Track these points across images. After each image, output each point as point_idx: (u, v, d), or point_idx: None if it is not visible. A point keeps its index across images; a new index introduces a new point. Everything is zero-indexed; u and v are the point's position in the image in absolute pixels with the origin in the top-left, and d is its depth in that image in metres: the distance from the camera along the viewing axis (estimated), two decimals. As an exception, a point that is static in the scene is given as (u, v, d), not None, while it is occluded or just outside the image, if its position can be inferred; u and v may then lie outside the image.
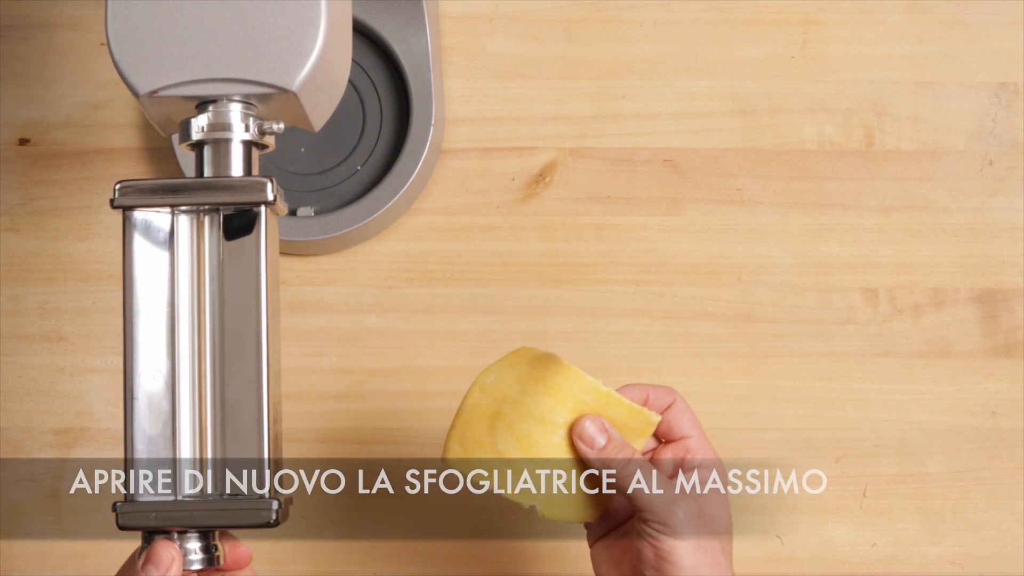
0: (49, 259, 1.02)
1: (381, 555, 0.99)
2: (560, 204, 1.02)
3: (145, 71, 0.71)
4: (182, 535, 0.70)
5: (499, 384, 0.78)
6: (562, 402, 0.77)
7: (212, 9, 0.71)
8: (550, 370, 0.78)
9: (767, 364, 1.00)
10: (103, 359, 1.00)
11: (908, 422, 1.00)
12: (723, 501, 0.80)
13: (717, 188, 1.02)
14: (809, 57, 1.03)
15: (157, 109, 0.73)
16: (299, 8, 0.71)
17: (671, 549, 0.75)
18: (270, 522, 0.69)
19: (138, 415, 0.70)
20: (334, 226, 0.98)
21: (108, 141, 1.03)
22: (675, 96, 1.03)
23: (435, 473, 0.99)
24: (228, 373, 0.70)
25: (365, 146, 1.01)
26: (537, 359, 0.79)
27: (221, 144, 0.72)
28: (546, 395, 0.77)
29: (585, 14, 1.04)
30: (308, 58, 0.71)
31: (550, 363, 0.78)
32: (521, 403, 0.77)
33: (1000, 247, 1.01)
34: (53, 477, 0.99)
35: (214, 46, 0.71)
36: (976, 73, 1.03)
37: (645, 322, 1.01)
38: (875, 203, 1.02)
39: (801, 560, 0.99)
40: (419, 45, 0.99)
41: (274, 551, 0.98)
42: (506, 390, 0.78)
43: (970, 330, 1.01)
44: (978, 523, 0.99)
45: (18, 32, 1.04)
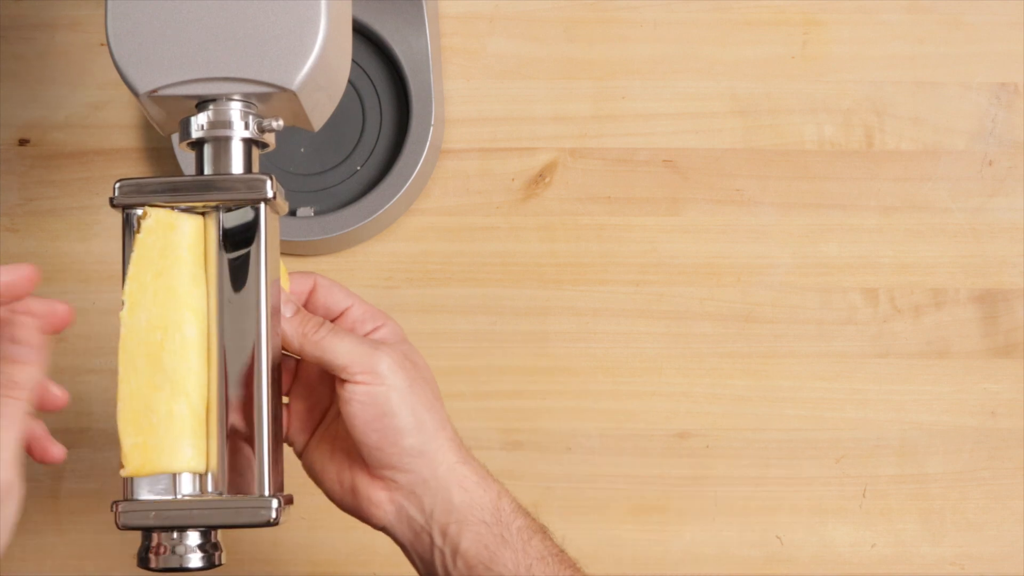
0: (49, 259, 1.02)
1: (381, 555, 0.99)
2: (560, 204, 1.02)
3: (145, 71, 0.71)
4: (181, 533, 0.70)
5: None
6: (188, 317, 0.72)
7: (212, 9, 0.71)
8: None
9: (767, 364, 1.00)
10: (103, 359, 1.00)
11: (908, 422, 1.00)
12: (414, 350, 0.77)
13: (717, 188, 1.02)
14: (809, 57, 1.03)
15: (157, 108, 0.73)
16: (299, 8, 0.71)
17: (385, 397, 0.72)
18: (270, 521, 0.69)
19: (138, 414, 0.70)
20: (334, 226, 0.98)
21: (108, 141, 1.03)
22: (675, 96, 1.03)
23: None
24: (228, 372, 0.70)
25: (365, 146, 1.01)
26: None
27: (221, 142, 0.72)
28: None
29: (585, 14, 1.04)
30: (308, 58, 0.71)
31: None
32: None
33: (1000, 247, 1.01)
34: (53, 477, 0.99)
35: (214, 45, 0.71)
36: (976, 73, 1.03)
37: (645, 322, 1.01)
38: (875, 203, 1.02)
39: (801, 560, 0.99)
40: (419, 45, 0.99)
41: (274, 551, 0.98)
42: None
43: (970, 330, 1.01)
44: (978, 523, 0.99)
45: (18, 32, 1.04)
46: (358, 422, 0.73)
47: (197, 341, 0.71)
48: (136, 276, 0.71)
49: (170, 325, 0.70)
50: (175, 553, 0.70)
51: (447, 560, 0.74)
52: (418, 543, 0.75)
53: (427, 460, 0.74)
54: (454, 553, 0.74)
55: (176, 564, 0.70)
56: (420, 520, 0.75)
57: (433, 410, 0.75)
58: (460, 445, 0.76)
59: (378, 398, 0.72)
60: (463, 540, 0.74)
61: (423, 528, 0.75)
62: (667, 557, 0.99)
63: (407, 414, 0.73)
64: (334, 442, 0.77)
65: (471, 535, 0.74)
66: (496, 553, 0.74)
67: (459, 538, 0.74)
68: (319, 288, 0.77)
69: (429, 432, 0.74)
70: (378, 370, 0.72)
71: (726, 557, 0.99)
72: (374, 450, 0.73)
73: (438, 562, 0.75)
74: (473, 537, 0.74)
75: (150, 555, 0.70)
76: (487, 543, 0.74)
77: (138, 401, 0.70)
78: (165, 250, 0.71)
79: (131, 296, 0.70)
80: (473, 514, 0.74)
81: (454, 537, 0.74)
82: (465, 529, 0.74)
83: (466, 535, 0.74)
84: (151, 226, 0.71)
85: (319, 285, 0.77)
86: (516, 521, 0.75)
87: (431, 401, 0.75)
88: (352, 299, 0.77)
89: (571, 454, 1.00)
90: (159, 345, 0.70)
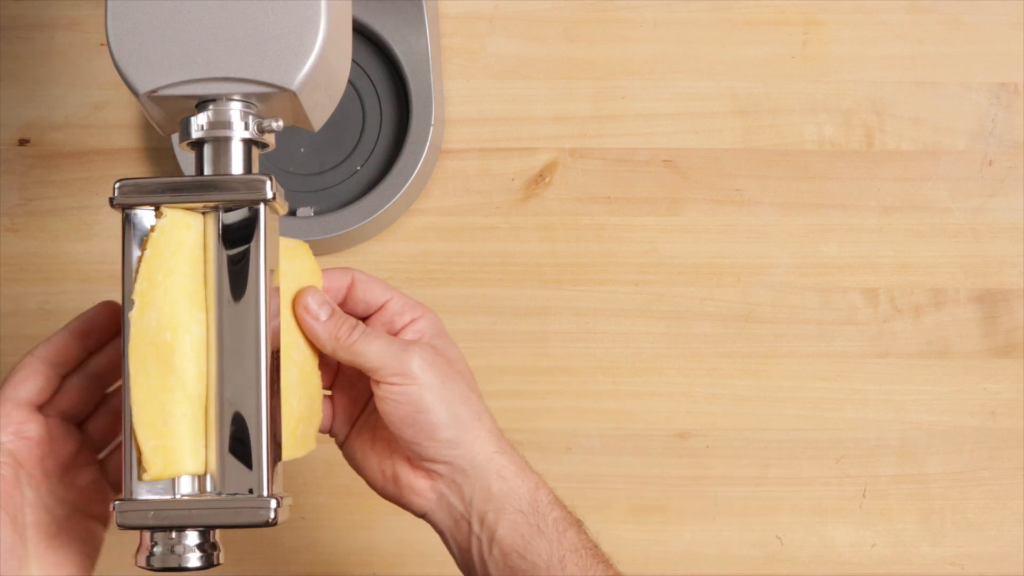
0: (49, 259, 1.02)
1: (381, 555, 0.99)
2: (560, 204, 1.02)
3: (145, 71, 0.71)
4: (180, 533, 0.70)
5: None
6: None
7: (212, 9, 0.71)
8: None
9: (767, 364, 1.00)
10: (103, 359, 1.00)
11: (908, 422, 1.00)
12: (452, 343, 0.78)
13: (717, 188, 1.02)
14: (809, 57, 1.03)
15: (157, 108, 0.73)
16: (299, 7, 0.71)
17: (418, 396, 0.73)
18: (268, 521, 0.69)
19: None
20: (334, 226, 0.98)
21: (108, 141, 1.03)
22: (675, 96, 1.03)
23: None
24: (227, 371, 0.70)
25: (365, 146, 1.01)
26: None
27: (221, 142, 0.72)
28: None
29: (585, 14, 1.04)
30: (308, 57, 0.71)
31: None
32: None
33: (1000, 247, 1.01)
34: (53, 477, 0.99)
35: (214, 45, 0.71)
36: (976, 73, 1.03)
37: (645, 322, 1.01)
38: (875, 203, 1.02)
39: (801, 560, 0.99)
40: (419, 45, 0.99)
41: (274, 551, 0.98)
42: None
43: (970, 330, 1.01)
44: (978, 523, 0.99)
45: (18, 32, 1.04)
46: (393, 419, 0.74)
47: (207, 341, 0.71)
48: (148, 275, 0.70)
49: (180, 325, 0.70)
50: (174, 553, 0.70)
51: (483, 547, 0.75)
52: (457, 531, 0.76)
53: (464, 451, 0.75)
54: (490, 540, 0.75)
55: (175, 564, 0.70)
56: (460, 508, 0.76)
57: (468, 403, 0.76)
58: (499, 435, 0.77)
59: (411, 396, 0.73)
60: (499, 528, 0.75)
61: (462, 516, 0.76)
62: (667, 557, 0.99)
63: (441, 410, 0.74)
64: (374, 432, 0.78)
65: (507, 523, 0.75)
66: (531, 542, 0.75)
67: (496, 526, 0.75)
68: (357, 283, 0.78)
69: (464, 424, 0.75)
70: (409, 370, 0.73)
71: (726, 557, 0.99)
72: (411, 444, 0.75)
73: (475, 549, 0.76)
74: (509, 525, 0.75)
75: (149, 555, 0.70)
76: (523, 532, 0.75)
77: (153, 404, 0.70)
78: (178, 250, 0.71)
79: (141, 295, 0.70)
80: (510, 503, 0.75)
81: (491, 525, 0.75)
82: (502, 517, 0.75)
83: (503, 523, 0.75)
84: (166, 225, 0.71)
85: (357, 280, 0.78)
86: (552, 512, 0.76)
87: (465, 394, 0.76)
88: (390, 292, 0.78)
89: (571, 454, 1.00)
90: (169, 346, 0.70)
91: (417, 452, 0.75)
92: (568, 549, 0.75)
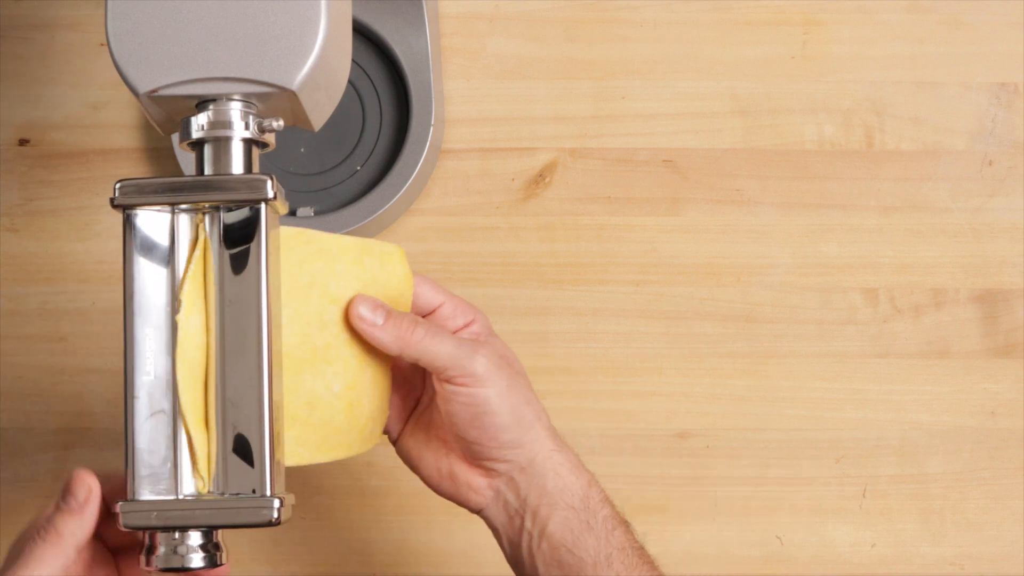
0: (49, 259, 1.02)
1: (380, 555, 0.99)
2: (560, 204, 1.02)
3: (145, 70, 0.71)
4: (183, 533, 0.70)
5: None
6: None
7: (212, 8, 0.71)
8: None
9: (767, 364, 1.00)
10: (103, 359, 1.00)
11: (908, 422, 1.00)
12: (503, 342, 0.79)
13: (717, 188, 1.02)
14: (809, 57, 1.03)
15: (157, 108, 0.73)
16: (299, 7, 0.71)
17: (485, 398, 0.74)
18: (271, 521, 0.69)
19: (139, 414, 0.70)
20: (334, 226, 0.98)
21: (108, 141, 1.03)
22: (675, 96, 1.03)
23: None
24: (229, 372, 0.70)
25: (365, 146, 1.01)
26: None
27: (221, 142, 0.72)
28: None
29: (585, 14, 1.04)
30: (308, 57, 0.71)
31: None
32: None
33: (1000, 247, 1.01)
34: (53, 477, 0.99)
35: (214, 45, 0.71)
36: (976, 73, 1.03)
37: (645, 322, 1.01)
38: (875, 203, 1.02)
39: (801, 560, 0.99)
40: (419, 45, 0.99)
41: (274, 551, 0.98)
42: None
43: (970, 330, 1.01)
44: (978, 523, 0.99)
45: (18, 32, 1.04)
46: (458, 420, 0.74)
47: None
48: (195, 276, 0.71)
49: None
50: (177, 553, 0.70)
51: (533, 541, 0.76)
52: (510, 526, 0.77)
53: (525, 450, 0.76)
54: (541, 535, 0.76)
55: (178, 564, 0.70)
56: (515, 504, 0.77)
57: (530, 404, 0.76)
58: (555, 433, 0.78)
59: (478, 398, 0.74)
60: (550, 523, 0.76)
61: (517, 512, 0.77)
62: (667, 557, 0.98)
63: (506, 412, 0.75)
64: (429, 430, 0.78)
65: (559, 518, 0.75)
66: (580, 537, 0.75)
67: (547, 520, 0.76)
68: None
69: (526, 425, 0.76)
70: (477, 371, 0.74)
71: (726, 557, 0.99)
72: (473, 445, 0.75)
73: (524, 543, 0.76)
74: (560, 520, 0.75)
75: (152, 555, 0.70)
76: (572, 527, 0.75)
77: (202, 404, 0.71)
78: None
79: (188, 296, 0.71)
80: (563, 499, 0.76)
81: (543, 519, 0.76)
82: (554, 512, 0.76)
83: (554, 518, 0.76)
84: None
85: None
86: (602, 510, 0.77)
87: (528, 395, 0.77)
88: (443, 295, 0.78)
89: (571, 454, 0.99)
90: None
91: (479, 452, 0.75)
92: (615, 547, 0.76)
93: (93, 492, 0.69)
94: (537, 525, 0.76)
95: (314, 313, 0.74)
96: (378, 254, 0.76)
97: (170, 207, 0.72)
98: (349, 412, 0.75)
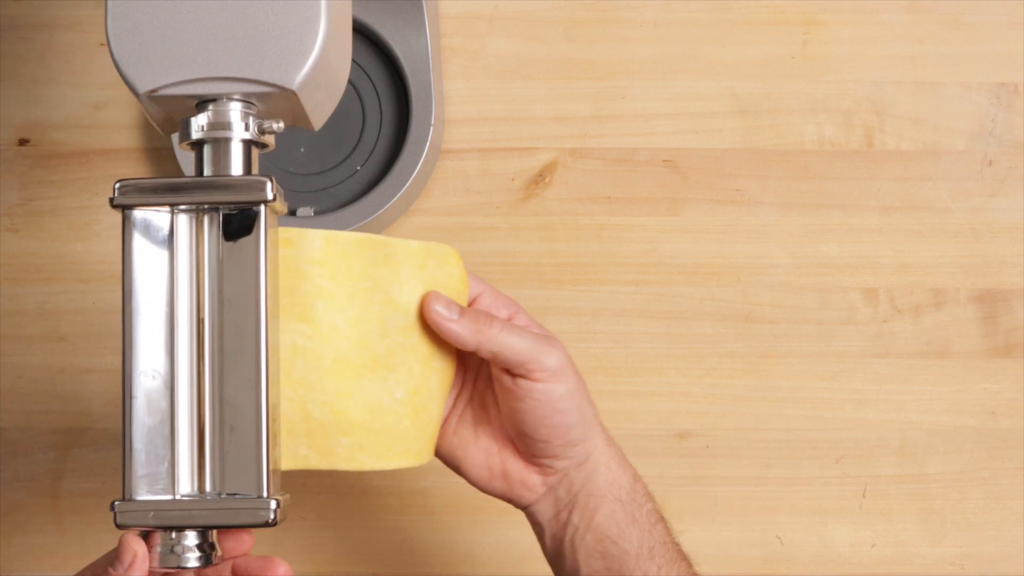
0: (49, 259, 1.02)
1: (381, 555, 0.99)
2: (560, 204, 1.02)
3: (145, 70, 0.71)
4: (179, 533, 0.70)
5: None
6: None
7: (212, 8, 0.71)
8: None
9: (767, 364, 1.00)
10: (103, 359, 1.00)
11: (908, 422, 1.00)
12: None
13: (717, 188, 1.02)
14: (809, 57, 1.03)
15: (157, 108, 0.73)
16: (299, 7, 0.71)
17: (559, 395, 0.74)
18: (268, 521, 0.69)
19: (137, 414, 0.70)
20: (334, 226, 0.98)
21: (108, 141, 1.03)
22: (675, 96, 1.03)
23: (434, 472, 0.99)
24: (227, 372, 0.70)
25: (365, 146, 1.01)
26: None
27: (221, 143, 0.72)
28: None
29: (585, 14, 1.04)
30: (308, 57, 0.71)
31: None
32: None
33: (1000, 247, 1.01)
34: (53, 477, 0.99)
35: (214, 45, 0.71)
36: (976, 73, 1.03)
37: (645, 322, 1.01)
38: (875, 203, 1.02)
39: (801, 560, 0.99)
40: (419, 45, 0.99)
41: (274, 551, 0.98)
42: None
43: (970, 330, 1.01)
44: (978, 523, 0.99)
45: (18, 32, 1.04)
46: (529, 418, 0.74)
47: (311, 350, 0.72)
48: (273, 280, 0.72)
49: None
50: (173, 553, 0.70)
51: (578, 534, 0.76)
52: (556, 521, 0.77)
53: (584, 447, 0.76)
54: (586, 527, 0.76)
55: (174, 564, 0.70)
56: (565, 499, 0.77)
57: (590, 401, 0.77)
58: (604, 427, 0.78)
59: (552, 394, 0.74)
60: (597, 515, 0.76)
61: (566, 506, 0.77)
62: (667, 557, 0.99)
63: (575, 409, 0.75)
64: (476, 428, 0.78)
65: (606, 511, 0.76)
66: (624, 530, 0.76)
67: (594, 513, 0.76)
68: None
69: (589, 423, 0.76)
70: (553, 367, 0.74)
71: (726, 557, 0.99)
72: (540, 442, 0.75)
73: (568, 536, 0.76)
74: (607, 513, 0.76)
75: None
76: (618, 520, 0.76)
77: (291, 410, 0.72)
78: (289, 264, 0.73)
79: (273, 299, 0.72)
80: (611, 492, 0.76)
81: (590, 512, 0.76)
82: (602, 505, 0.76)
83: (601, 511, 0.76)
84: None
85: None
86: (646, 504, 0.77)
87: (587, 392, 0.77)
88: (482, 286, 0.78)
89: (571, 454, 0.99)
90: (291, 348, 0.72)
91: (543, 450, 0.75)
92: (658, 541, 0.76)
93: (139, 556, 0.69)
94: (584, 518, 0.76)
95: (375, 320, 0.73)
96: (438, 256, 0.76)
97: (170, 207, 0.72)
98: (415, 419, 0.75)
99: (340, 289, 0.73)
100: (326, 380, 0.72)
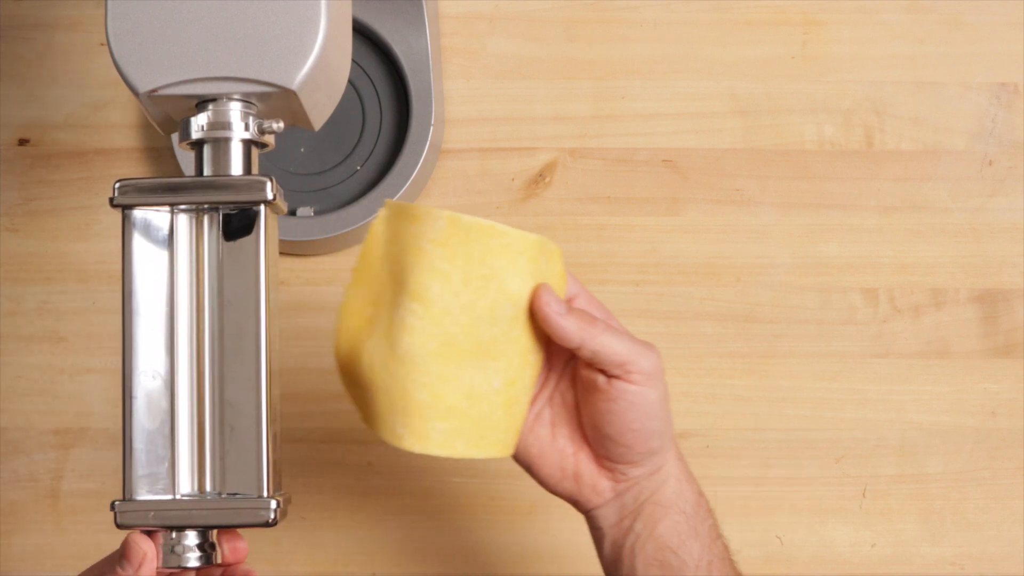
0: (49, 259, 1.02)
1: (381, 555, 0.99)
2: (560, 204, 1.02)
3: (145, 70, 0.71)
4: (180, 533, 0.70)
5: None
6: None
7: (212, 8, 0.71)
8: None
9: (767, 364, 1.00)
10: (103, 359, 1.00)
11: (908, 422, 1.00)
12: None
13: (717, 188, 1.02)
14: (809, 57, 1.03)
15: (157, 108, 0.73)
16: (299, 7, 0.71)
17: (651, 399, 0.74)
18: (268, 521, 0.69)
19: (137, 414, 0.71)
20: (334, 226, 0.98)
21: (108, 141, 1.03)
22: (675, 96, 1.03)
23: (434, 472, 1.00)
24: (227, 372, 0.70)
25: (365, 146, 1.01)
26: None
27: (221, 143, 0.72)
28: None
29: (585, 14, 1.04)
30: (308, 57, 0.71)
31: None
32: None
33: (1000, 247, 1.01)
34: (53, 477, 0.99)
35: (214, 45, 0.71)
36: (976, 73, 1.03)
37: (645, 322, 1.01)
38: (875, 203, 1.02)
39: (801, 560, 0.99)
40: (419, 45, 0.99)
41: (274, 551, 0.98)
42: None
43: (970, 330, 1.01)
44: (978, 523, 0.99)
45: (18, 32, 1.04)
46: (617, 420, 0.74)
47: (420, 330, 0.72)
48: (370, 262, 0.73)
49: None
50: (174, 553, 0.70)
51: (638, 541, 0.76)
52: (618, 527, 0.77)
53: (660, 457, 0.76)
54: (648, 536, 0.76)
55: (175, 564, 0.70)
56: (631, 507, 0.77)
57: (669, 408, 0.76)
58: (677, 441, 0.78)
59: (645, 398, 0.74)
60: (660, 525, 0.76)
61: (630, 513, 0.76)
62: (667, 557, 0.99)
63: (661, 416, 0.75)
64: (553, 428, 0.78)
65: (669, 522, 0.76)
66: (685, 541, 0.76)
67: (657, 523, 0.76)
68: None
69: (668, 433, 0.76)
70: (649, 370, 0.74)
71: (726, 557, 0.99)
72: (621, 447, 0.75)
73: (628, 543, 0.76)
74: (670, 524, 0.76)
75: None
76: (680, 531, 0.76)
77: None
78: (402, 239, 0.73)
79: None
80: (676, 504, 0.76)
81: (654, 522, 0.76)
82: (666, 515, 0.76)
83: (665, 521, 0.76)
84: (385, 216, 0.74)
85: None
86: (708, 519, 0.77)
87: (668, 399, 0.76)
88: (578, 287, 0.78)
89: (571, 454, 0.99)
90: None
91: (622, 455, 0.75)
92: (717, 556, 0.76)
93: (148, 556, 0.69)
94: (648, 527, 0.76)
95: (486, 307, 0.73)
96: (548, 252, 0.76)
97: (169, 207, 0.72)
98: (508, 410, 0.74)
99: (457, 273, 0.72)
100: (431, 362, 0.72)
